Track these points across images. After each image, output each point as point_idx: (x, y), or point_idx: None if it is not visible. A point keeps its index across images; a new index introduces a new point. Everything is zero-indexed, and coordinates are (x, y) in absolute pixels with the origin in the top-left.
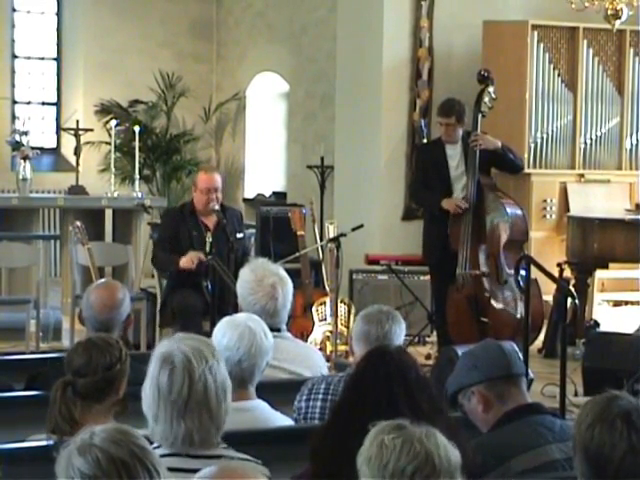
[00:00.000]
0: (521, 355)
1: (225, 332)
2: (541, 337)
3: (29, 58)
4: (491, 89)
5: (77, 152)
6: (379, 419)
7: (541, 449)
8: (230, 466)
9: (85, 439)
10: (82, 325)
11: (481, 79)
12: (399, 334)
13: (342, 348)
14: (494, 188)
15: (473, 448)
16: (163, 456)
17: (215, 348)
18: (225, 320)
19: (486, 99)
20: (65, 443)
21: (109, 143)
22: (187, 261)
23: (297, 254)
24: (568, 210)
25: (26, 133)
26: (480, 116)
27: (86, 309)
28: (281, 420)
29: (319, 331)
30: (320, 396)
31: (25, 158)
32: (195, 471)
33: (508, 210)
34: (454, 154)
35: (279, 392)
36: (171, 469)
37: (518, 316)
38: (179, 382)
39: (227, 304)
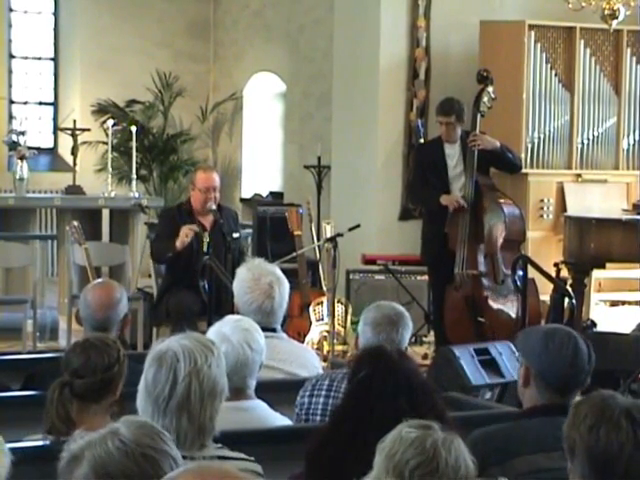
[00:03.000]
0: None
1: None
2: None
3: (26, 58)
4: (490, 89)
5: (74, 152)
6: (382, 432)
7: (554, 454)
8: (200, 464)
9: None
10: (79, 325)
11: (480, 79)
12: (408, 336)
13: (339, 348)
14: (492, 188)
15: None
16: None
17: (213, 351)
18: (212, 330)
19: (485, 99)
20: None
21: (106, 143)
22: (181, 239)
23: (294, 254)
24: (565, 210)
25: (23, 133)
26: (479, 116)
27: (83, 308)
28: (279, 420)
29: (316, 331)
30: (323, 392)
31: (22, 158)
32: None
33: (506, 210)
34: (453, 154)
35: (276, 392)
36: None
37: (515, 316)
38: (162, 380)
39: (224, 304)
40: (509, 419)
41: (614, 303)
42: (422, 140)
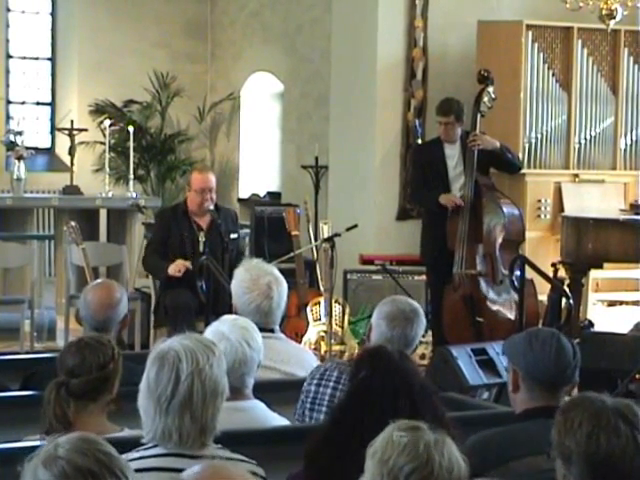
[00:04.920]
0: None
1: None
2: None
3: (24, 58)
4: (491, 89)
5: (71, 152)
6: (381, 433)
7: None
8: (214, 465)
9: (50, 451)
10: (79, 324)
11: (481, 79)
12: (421, 333)
13: (337, 348)
14: (492, 188)
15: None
16: (156, 456)
17: (215, 351)
18: (210, 330)
19: (485, 99)
20: (29, 457)
21: (103, 143)
22: (174, 269)
23: (291, 254)
24: (562, 210)
25: (20, 133)
26: (479, 116)
27: (83, 308)
28: (277, 420)
29: (313, 331)
30: (331, 384)
31: (19, 158)
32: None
33: (505, 210)
34: (452, 154)
35: (274, 392)
36: (162, 469)
37: (513, 316)
38: (165, 380)
39: (221, 304)
40: (507, 419)
41: (612, 303)
42: (420, 140)
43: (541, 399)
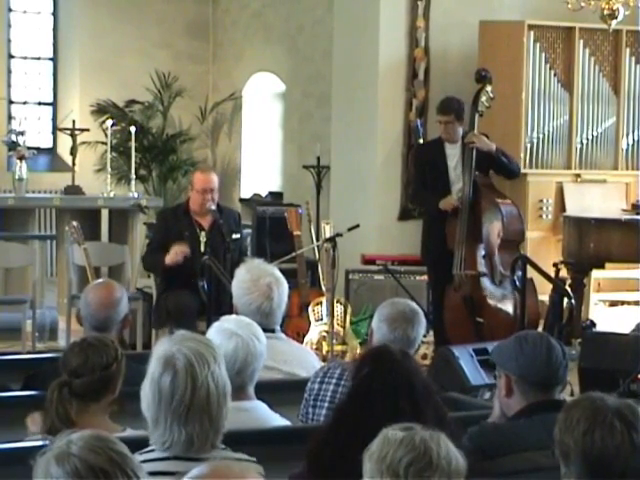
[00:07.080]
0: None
1: (219, 344)
2: None
3: (25, 58)
4: (489, 88)
5: (73, 152)
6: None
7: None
8: (221, 465)
9: (62, 448)
10: (80, 325)
11: (479, 78)
12: (422, 333)
13: (338, 348)
14: (491, 188)
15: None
16: (158, 460)
17: (216, 350)
18: (215, 329)
19: (484, 98)
20: (41, 451)
21: (105, 143)
22: (172, 257)
23: (293, 254)
24: (564, 210)
25: (22, 133)
26: (477, 115)
27: (84, 308)
28: (279, 421)
29: (315, 331)
30: (334, 380)
31: (21, 158)
32: None
33: (504, 210)
34: (453, 154)
35: (275, 392)
36: (167, 473)
37: (513, 316)
38: (182, 388)
39: (223, 304)
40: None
41: (613, 303)
42: (421, 140)
43: (537, 398)
